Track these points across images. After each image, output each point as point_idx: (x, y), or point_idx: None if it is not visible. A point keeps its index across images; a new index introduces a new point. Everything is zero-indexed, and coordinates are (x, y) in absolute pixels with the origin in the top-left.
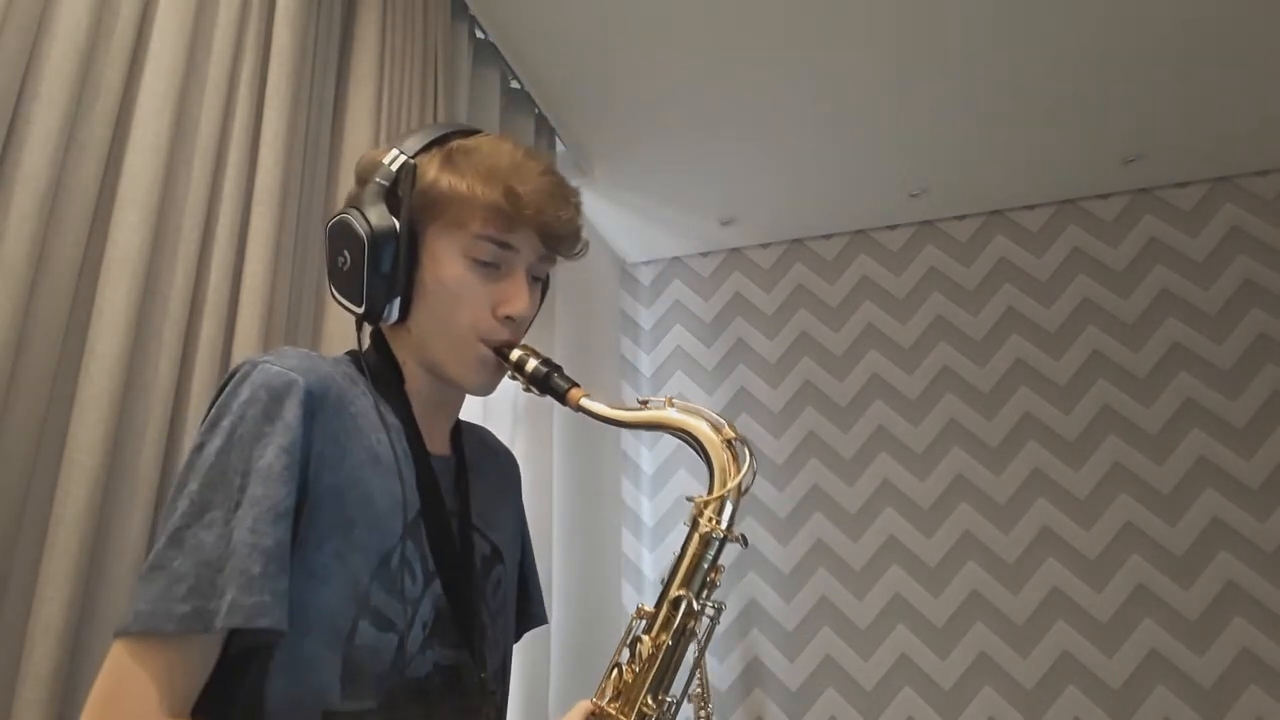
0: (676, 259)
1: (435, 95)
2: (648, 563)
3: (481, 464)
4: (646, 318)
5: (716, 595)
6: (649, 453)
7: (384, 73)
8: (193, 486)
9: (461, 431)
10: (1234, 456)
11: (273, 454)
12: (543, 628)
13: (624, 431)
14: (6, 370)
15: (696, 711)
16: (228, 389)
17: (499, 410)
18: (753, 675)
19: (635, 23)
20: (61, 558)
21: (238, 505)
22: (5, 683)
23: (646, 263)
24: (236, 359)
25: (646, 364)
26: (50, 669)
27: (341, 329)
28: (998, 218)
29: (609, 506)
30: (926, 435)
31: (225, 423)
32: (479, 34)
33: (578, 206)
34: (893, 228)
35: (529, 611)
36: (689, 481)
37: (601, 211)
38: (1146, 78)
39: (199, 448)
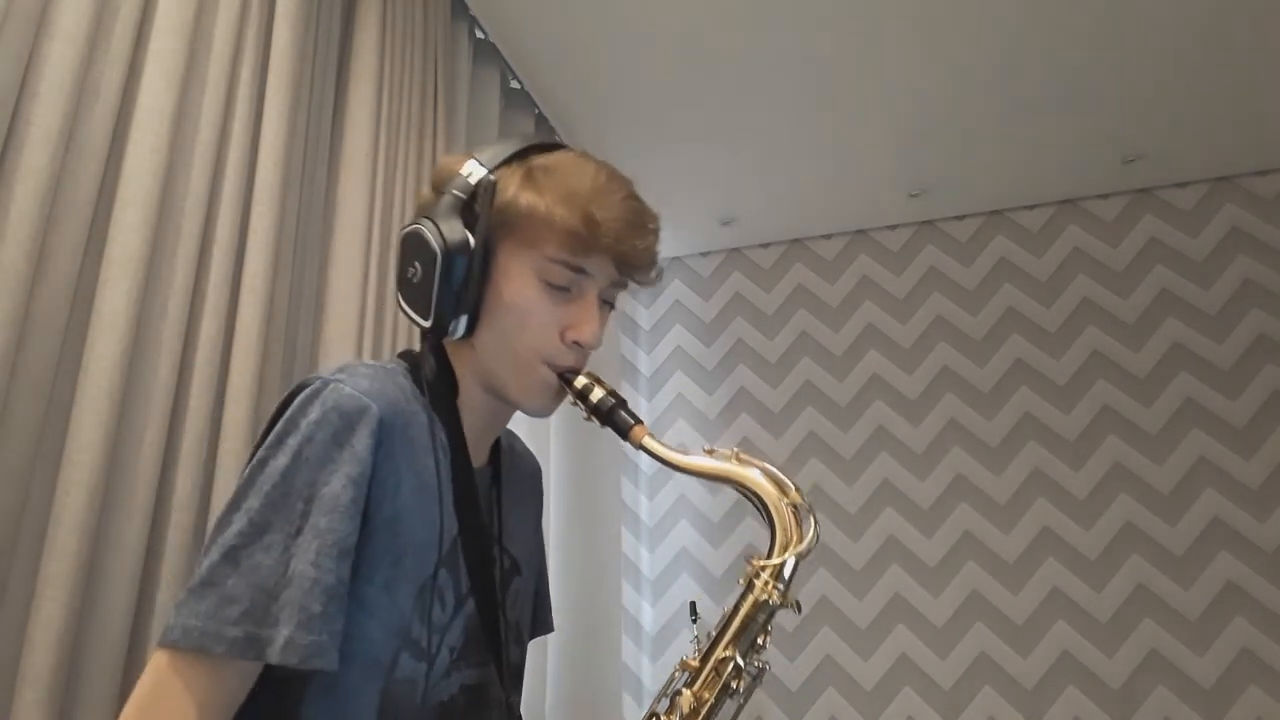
0: (676, 259)
1: (435, 95)
2: (647, 563)
3: (512, 476)
4: (646, 318)
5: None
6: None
7: (384, 73)
8: (253, 503)
9: (500, 440)
10: (1234, 456)
11: (340, 483)
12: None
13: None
14: (6, 370)
15: None
16: (295, 405)
17: None
18: None
19: (635, 23)
20: (61, 558)
21: (299, 531)
22: (5, 683)
23: None
24: (236, 359)
25: (646, 364)
26: (50, 669)
27: (341, 330)
28: (998, 218)
29: (608, 506)
30: (926, 435)
31: (292, 441)
32: (479, 34)
33: (656, 233)
34: (893, 228)
35: (538, 617)
36: (688, 481)
37: None
38: (1146, 78)
39: (261, 463)
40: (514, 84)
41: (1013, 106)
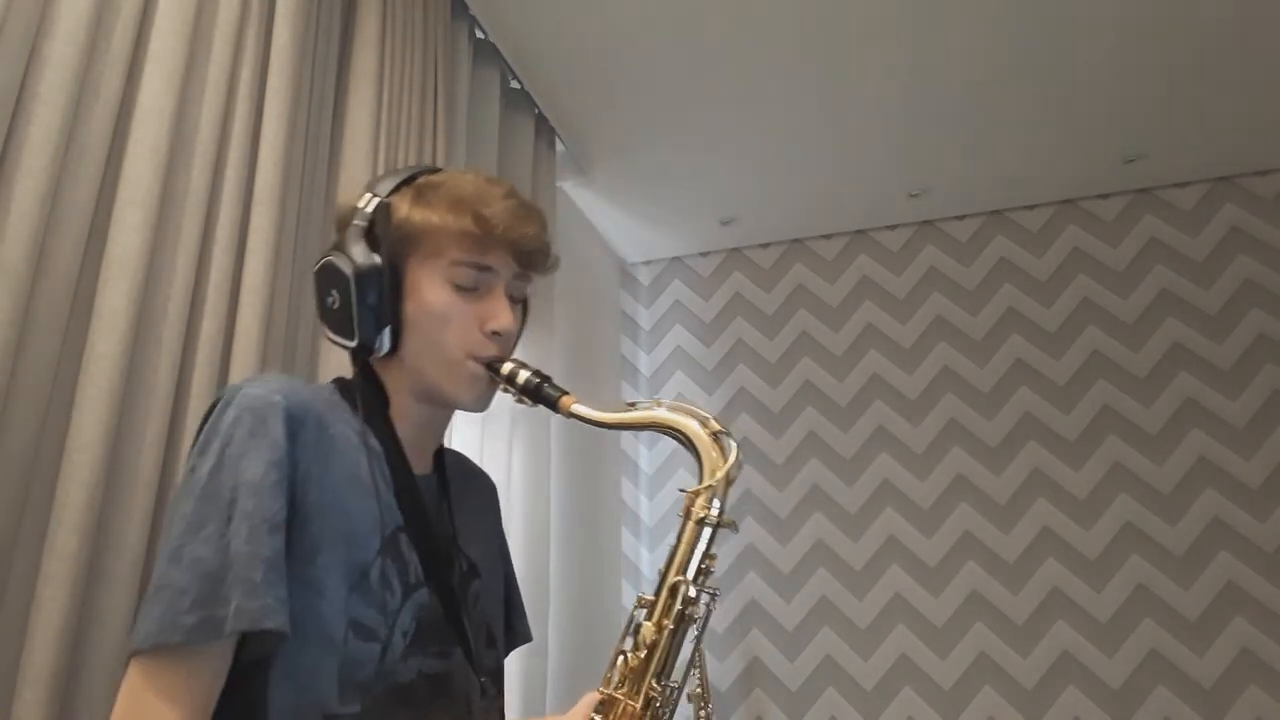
0: (676, 259)
1: (435, 95)
2: (647, 562)
3: (461, 484)
4: (646, 318)
5: (711, 583)
6: (648, 452)
7: (384, 73)
8: (186, 507)
9: (444, 454)
10: (1234, 456)
11: (260, 468)
12: (540, 628)
13: (624, 432)
14: (6, 370)
15: (696, 712)
16: (214, 413)
17: (497, 414)
18: (753, 675)
19: (635, 22)
20: (61, 558)
21: (230, 519)
22: (5, 683)
23: (646, 263)
24: (236, 359)
25: (646, 364)
26: (50, 669)
27: None
28: (998, 218)
29: (608, 506)
30: (926, 435)
31: (215, 444)
32: (479, 34)
33: (543, 224)
34: (893, 228)
35: (514, 628)
36: (688, 480)
37: (601, 211)
38: (1146, 78)
39: (192, 470)
40: (514, 84)
41: (1013, 106)
